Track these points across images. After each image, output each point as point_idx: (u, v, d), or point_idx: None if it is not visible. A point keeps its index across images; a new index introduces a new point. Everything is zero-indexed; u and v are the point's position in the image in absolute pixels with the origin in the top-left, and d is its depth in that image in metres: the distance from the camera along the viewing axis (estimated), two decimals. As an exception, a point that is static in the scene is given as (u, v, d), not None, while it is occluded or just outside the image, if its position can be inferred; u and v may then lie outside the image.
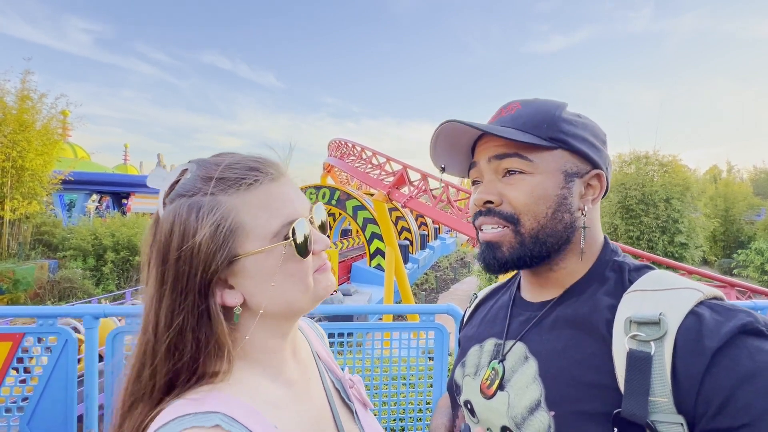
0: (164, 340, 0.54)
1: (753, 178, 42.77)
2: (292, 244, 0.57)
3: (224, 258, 0.54)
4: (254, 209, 0.56)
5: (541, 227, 0.64)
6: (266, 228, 0.56)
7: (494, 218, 0.66)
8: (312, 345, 0.77)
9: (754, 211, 30.17)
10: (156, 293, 0.55)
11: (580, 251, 0.67)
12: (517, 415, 0.61)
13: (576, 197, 0.66)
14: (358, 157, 15.22)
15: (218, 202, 0.55)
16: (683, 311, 0.52)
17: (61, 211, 20.41)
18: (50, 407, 1.77)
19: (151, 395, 0.54)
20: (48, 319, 1.79)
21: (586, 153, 0.66)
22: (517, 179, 0.65)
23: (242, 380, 0.58)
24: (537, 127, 0.65)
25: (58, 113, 14.88)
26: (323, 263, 0.64)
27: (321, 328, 0.89)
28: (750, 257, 22.53)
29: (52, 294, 13.16)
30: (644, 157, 20.21)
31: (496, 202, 0.66)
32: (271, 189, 0.58)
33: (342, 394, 0.73)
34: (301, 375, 0.67)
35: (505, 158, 0.65)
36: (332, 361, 0.79)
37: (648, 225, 18.70)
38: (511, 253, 0.66)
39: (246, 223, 0.56)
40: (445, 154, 0.74)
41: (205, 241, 0.53)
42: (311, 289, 0.61)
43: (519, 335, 0.69)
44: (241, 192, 0.56)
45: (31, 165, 13.29)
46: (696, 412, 0.48)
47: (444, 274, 25.00)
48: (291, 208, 0.59)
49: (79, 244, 15.51)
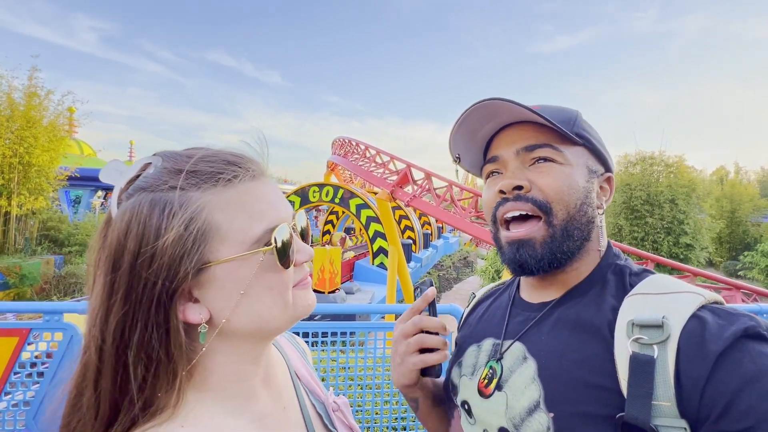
0: (110, 363, 0.45)
1: (760, 179, 42.35)
2: (273, 251, 0.49)
3: (193, 265, 0.45)
4: (232, 209, 0.48)
5: (571, 218, 0.64)
6: (246, 232, 0.48)
7: (526, 204, 0.64)
8: (290, 364, 0.69)
9: (761, 213, 29.85)
10: (102, 306, 0.45)
11: (595, 250, 0.68)
12: (516, 416, 0.61)
13: (595, 194, 0.67)
14: (362, 156, 15.20)
15: (189, 199, 0.46)
16: (686, 315, 0.52)
17: (67, 207, 20.56)
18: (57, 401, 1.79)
19: (91, 427, 0.46)
20: (54, 315, 1.81)
21: (603, 154, 0.69)
22: (546, 167, 0.65)
23: (197, 417, 0.48)
24: (564, 122, 0.66)
25: (65, 110, 15.00)
26: (304, 277, 0.56)
27: (303, 344, 0.79)
28: (756, 259, 22.30)
29: (58, 289, 13.28)
30: (650, 158, 20.04)
31: (526, 187, 0.65)
32: (252, 188, 0.50)
33: (325, 420, 0.65)
34: (275, 405, 0.58)
35: (537, 149, 0.65)
36: (315, 381, 0.72)
37: (653, 226, 18.55)
38: (544, 248, 0.64)
39: (221, 224, 0.47)
40: (462, 144, 0.73)
41: (170, 243, 0.44)
42: (290, 306, 0.53)
43: (517, 335, 0.69)
44: (218, 188, 0.48)
45: (37, 161, 13.40)
46: (699, 416, 0.48)
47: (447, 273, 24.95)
48: (274, 212, 0.51)
49: (84, 240, 15.62)
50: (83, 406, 0.47)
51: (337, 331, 1.93)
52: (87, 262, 0.50)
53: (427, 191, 11.21)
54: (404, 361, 0.72)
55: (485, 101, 0.64)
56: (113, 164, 0.51)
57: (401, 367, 0.73)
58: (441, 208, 10.74)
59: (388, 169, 13.49)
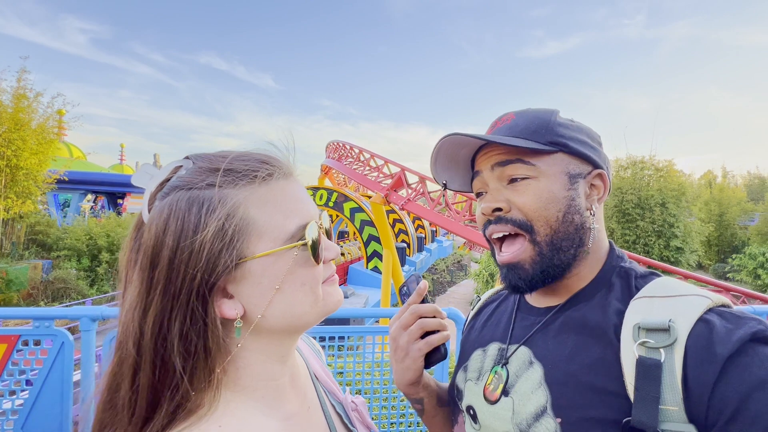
0: (149, 357, 0.45)
1: (747, 183, 43.21)
2: (307, 247, 0.51)
3: (231, 259, 0.46)
4: (267, 206, 0.50)
5: (554, 232, 0.64)
6: (281, 228, 0.50)
7: (506, 225, 0.65)
8: (309, 365, 0.70)
9: (748, 216, 30.42)
10: (140, 302, 0.46)
11: (595, 251, 0.67)
12: (522, 422, 0.60)
13: (582, 198, 0.66)
14: (356, 160, 15.22)
15: (226, 195, 0.48)
16: (693, 318, 0.52)
17: (55, 211, 20.25)
18: (46, 411, 1.74)
19: (127, 425, 0.46)
20: (44, 321, 1.77)
21: (585, 154, 0.67)
22: (522, 185, 0.65)
23: (233, 417, 0.49)
24: (535, 133, 0.66)
25: (54, 112, 14.79)
26: (331, 274, 0.58)
27: (317, 343, 0.81)
28: (744, 262, 22.71)
29: (46, 295, 13.04)
30: (640, 162, 20.36)
31: (504, 209, 0.66)
32: (285, 186, 0.52)
33: (344, 419, 0.67)
34: (301, 404, 0.59)
35: (509, 164, 0.65)
36: (332, 381, 0.73)
37: (644, 229, 18.81)
38: (534, 267, 0.64)
39: (257, 220, 0.49)
40: (445, 170, 0.74)
41: (208, 238, 0.45)
42: (320, 301, 0.54)
43: (523, 339, 0.68)
44: (254, 186, 0.49)
45: (25, 164, 13.19)
46: (707, 421, 0.48)
47: (441, 276, 24.99)
48: (305, 210, 0.53)
49: (73, 245, 15.38)
50: (118, 404, 0.47)
51: (333, 336, 1.91)
52: (119, 263, 0.51)
53: (421, 195, 11.24)
54: (409, 350, 0.71)
55: (448, 137, 0.67)
56: (145, 168, 0.53)
57: (406, 360, 0.72)
58: (435, 211, 10.77)
59: (382, 172, 13.52)
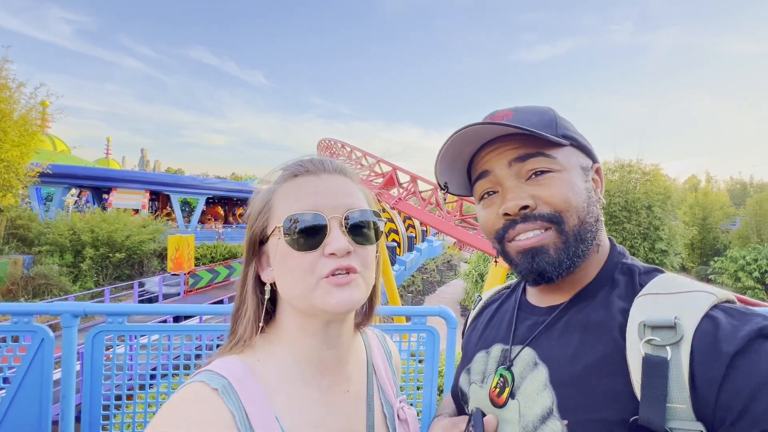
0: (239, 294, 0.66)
1: (729, 188, 44.33)
2: (284, 231, 0.59)
3: (261, 227, 0.63)
4: (283, 196, 0.62)
5: (582, 222, 0.62)
6: (283, 214, 0.60)
7: (536, 222, 0.62)
8: (371, 357, 0.74)
9: (730, 220, 31.23)
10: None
11: (597, 246, 0.66)
12: (529, 424, 0.59)
13: (593, 191, 0.66)
14: (348, 158, 15.17)
15: (270, 188, 0.65)
16: (698, 315, 0.51)
17: (37, 205, 19.73)
18: (24, 410, 1.68)
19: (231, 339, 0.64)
20: (23, 317, 1.70)
21: (589, 148, 0.67)
22: (548, 178, 0.62)
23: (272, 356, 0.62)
24: (546, 126, 0.63)
25: (38, 104, 14.40)
26: (335, 269, 0.57)
27: (393, 347, 0.83)
28: (725, 264, 23.29)
29: (26, 291, 12.70)
30: (628, 166, 20.74)
31: (531, 206, 0.62)
32: (302, 181, 0.62)
33: (388, 421, 0.69)
34: (339, 385, 0.66)
35: (529, 159, 0.63)
36: (390, 382, 0.74)
37: (630, 231, 19.17)
38: (560, 253, 0.62)
39: (276, 206, 0.62)
40: (447, 170, 0.70)
41: (254, 213, 0.64)
42: (311, 293, 0.57)
43: (527, 341, 0.66)
44: (286, 181, 0.64)
45: (6, 156, 12.81)
46: (715, 418, 0.47)
47: (431, 276, 25.09)
48: (310, 201, 0.60)
49: (56, 239, 15.01)
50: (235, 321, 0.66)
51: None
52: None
53: (412, 194, 11.25)
54: None
55: (469, 127, 0.62)
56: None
57: None
58: (426, 211, 10.79)
59: (373, 171, 13.50)
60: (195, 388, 0.55)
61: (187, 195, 26.86)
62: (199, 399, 0.54)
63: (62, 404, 1.76)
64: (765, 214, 25.90)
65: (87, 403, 1.70)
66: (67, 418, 1.76)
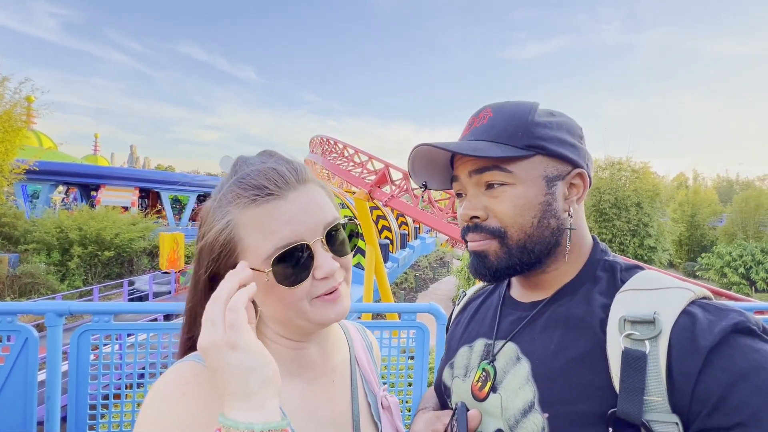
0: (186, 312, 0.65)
1: (716, 186, 45.16)
2: (273, 274, 0.56)
3: (224, 263, 0.59)
4: (252, 228, 0.57)
5: (528, 237, 0.64)
6: (259, 249, 0.57)
7: (481, 233, 0.66)
8: (354, 351, 0.75)
9: (717, 217, 31.82)
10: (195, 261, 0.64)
11: (576, 249, 0.67)
12: (510, 417, 0.60)
13: (560, 200, 0.65)
14: (340, 155, 15.12)
15: (226, 213, 0.58)
16: (676, 310, 0.52)
17: (23, 202, 19.37)
18: (7, 411, 1.65)
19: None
20: (7, 316, 1.67)
21: (563, 155, 0.65)
22: (500, 192, 0.64)
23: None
24: (512, 136, 0.64)
25: (22, 99, 14.10)
26: (328, 291, 0.59)
27: (373, 339, 0.84)
28: (712, 261, 23.76)
29: (12, 290, 12.48)
30: (618, 164, 21.00)
31: (482, 216, 0.65)
32: (272, 208, 0.57)
33: (372, 410, 0.71)
34: (325, 376, 0.67)
35: (485, 171, 0.64)
36: (373, 374, 0.76)
37: (620, 228, 19.44)
38: (499, 262, 0.65)
39: (243, 239, 0.58)
40: (423, 172, 0.74)
41: (209, 244, 0.59)
42: (307, 315, 0.59)
43: (510, 335, 0.67)
44: (248, 207, 0.57)
45: (-10, 153, 12.54)
46: (690, 411, 0.48)
47: (423, 273, 25.19)
48: (288, 231, 0.57)
49: (42, 238, 14.75)
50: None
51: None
52: None
53: (405, 191, 11.26)
54: None
55: (419, 147, 0.68)
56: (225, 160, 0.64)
57: None
58: (419, 208, 10.81)
59: (366, 168, 13.47)
60: (189, 364, 0.56)
61: (177, 192, 26.54)
62: (195, 373, 0.55)
63: (47, 405, 1.73)
64: (750, 211, 26.46)
65: (72, 403, 1.68)
66: (53, 419, 1.73)
